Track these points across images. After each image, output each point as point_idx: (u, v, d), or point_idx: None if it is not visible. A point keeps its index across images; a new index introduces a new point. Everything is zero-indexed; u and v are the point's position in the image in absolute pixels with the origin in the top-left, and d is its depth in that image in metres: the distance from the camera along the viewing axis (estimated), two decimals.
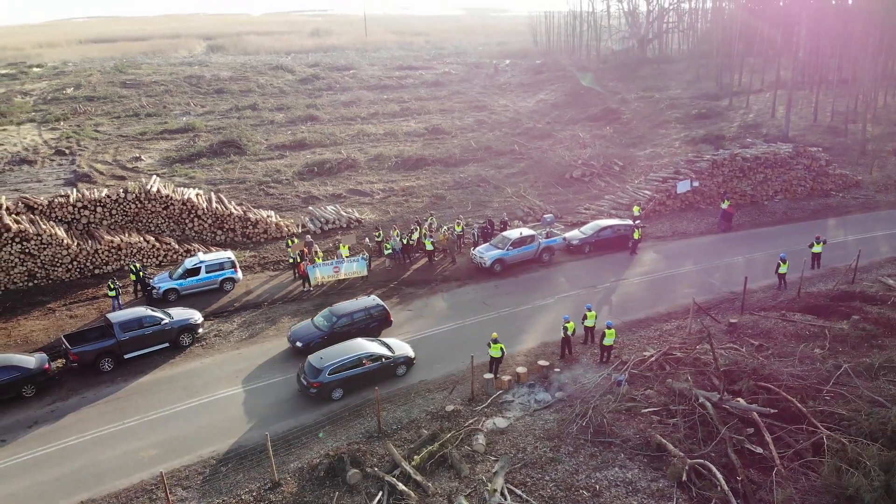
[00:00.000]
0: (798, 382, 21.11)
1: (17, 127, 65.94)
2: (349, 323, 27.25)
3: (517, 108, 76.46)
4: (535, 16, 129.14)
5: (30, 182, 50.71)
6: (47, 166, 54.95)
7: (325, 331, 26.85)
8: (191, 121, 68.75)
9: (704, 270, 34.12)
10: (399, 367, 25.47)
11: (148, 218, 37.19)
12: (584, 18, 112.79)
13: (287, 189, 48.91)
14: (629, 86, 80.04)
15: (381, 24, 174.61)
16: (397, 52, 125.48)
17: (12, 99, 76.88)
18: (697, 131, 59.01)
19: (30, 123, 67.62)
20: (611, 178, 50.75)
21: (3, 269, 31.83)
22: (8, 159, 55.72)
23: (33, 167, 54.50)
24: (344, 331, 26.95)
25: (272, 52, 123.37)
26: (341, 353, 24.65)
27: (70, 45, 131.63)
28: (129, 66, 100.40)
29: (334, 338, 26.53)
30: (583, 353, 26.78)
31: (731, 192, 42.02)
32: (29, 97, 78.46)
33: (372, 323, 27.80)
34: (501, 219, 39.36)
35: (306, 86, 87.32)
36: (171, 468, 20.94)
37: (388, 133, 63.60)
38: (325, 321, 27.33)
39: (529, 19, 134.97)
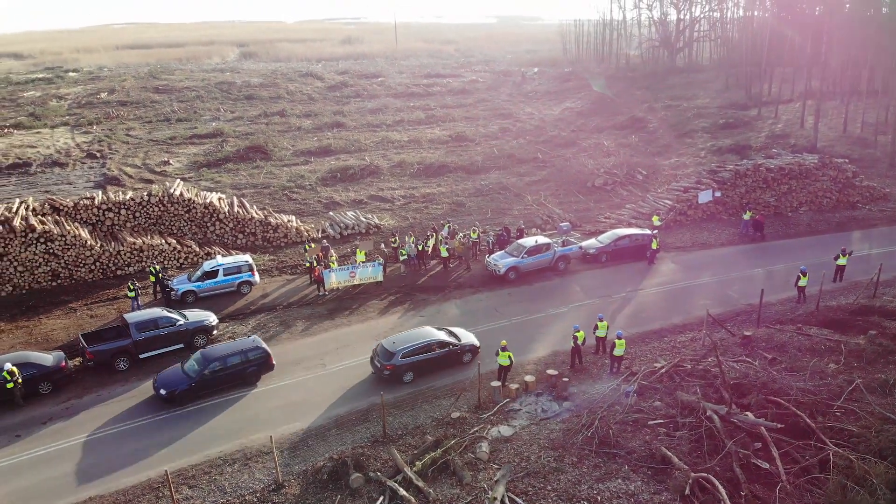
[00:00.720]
0: (809, 397, 20.70)
1: (51, 130, 67.64)
2: (221, 368, 24.59)
3: (542, 116, 76.29)
4: (564, 24, 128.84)
5: (60, 184, 51.94)
6: (78, 169, 56.24)
7: (193, 377, 24.22)
8: (220, 126, 69.81)
9: (722, 282, 33.66)
10: (465, 355, 26.27)
11: (171, 221, 37.87)
12: (615, 27, 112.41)
13: (310, 194, 49.42)
14: (657, 94, 79.40)
15: (412, 33, 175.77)
16: (426, 59, 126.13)
17: (48, 103, 78.88)
18: (724, 141, 58.29)
19: (63, 127, 69.30)
20: (634, 186, 50.35)
21: (28, 269, 32.65)
22: (41, 161, 57.17)
23: (65, 169, 55.84)
24: (215, 377, 24.52)
25: (303, 59, 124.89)
26: (413, 338, 25.91)
27: (107, 51, 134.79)
28: (163, 72, 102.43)
29: (205, 384, 24.32)
30: (593, 364, 26.60)
31: (755, 204, 41.41)
32: (64, 101, 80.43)
33: (249, 367, 25.09)
34: (518, 226, 39.28)
35: (335, 93, 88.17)
36: (179, 467, 21.26)
37: (411, 140, 63.93)
38: (196, 365, 24.68)
39: (559, 27, 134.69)
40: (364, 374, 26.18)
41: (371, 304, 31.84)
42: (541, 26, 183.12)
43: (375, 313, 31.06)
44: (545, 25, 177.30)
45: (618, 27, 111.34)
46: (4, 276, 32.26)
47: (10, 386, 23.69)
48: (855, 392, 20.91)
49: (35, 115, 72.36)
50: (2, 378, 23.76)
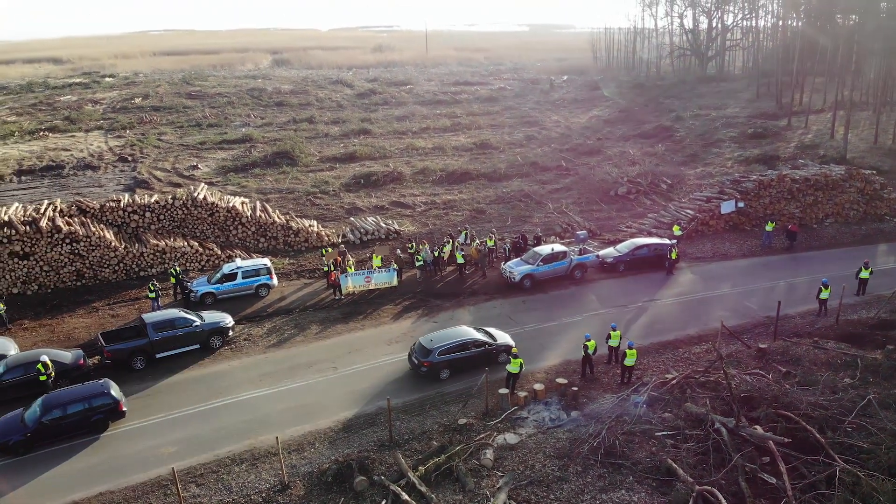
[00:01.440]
0: (819, 412, 20.31)
1: (86, 134, 69.34)
2: (61, 416, 22.45)
3: (569, 123, 76.05)
4: (595, 32, 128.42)
5: (91, 186, 53.21)
6: (109, 172, 57.56)
7: (29, 426, 22.16)
8: (249, 132, 70.87)
9: (742, 293, 33.18)
10: (500, 355, 26.63)
11: (194, 224, 38.55)
12: (646, 35, 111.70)
13: (333, 200, 49.91)
14: (685, 103, 78.62)
15: (443, 41, 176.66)
16: (456, 67, 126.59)
17: (83, 107, 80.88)
18: (752, 151, 57.49)
19: (97, 131, 71.00)
20: (657, 196, 49.90)
21: (54, 269, 33.52)
22: (73, 164, 58.66)
23: (96, 172, 57.20)
24: (54, 426, 22.41)
25: (334, 66, 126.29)
26: (450, 336, 26.59)
27: (144, 57, 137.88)
28: (197, 78, 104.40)
29: (41, 435, 22.23)
30: (605, 373, 26.42)
31: (779, 215, 40.77)
32: (99, 106, 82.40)
33: (94, 415, 22.90)
34: (535, 234, 39.20)
35: (363, 100, 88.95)
36: (188, 465, 21.62)
37: (436, 147, 64.20)
38: (36, 412, 22.54)
39: (589, 36, 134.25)
40: (374, 378, 26.36)
41: (385, 309, 32.04)
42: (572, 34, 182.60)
43: (389, 318, 31.25)
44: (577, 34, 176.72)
45: (648, 35, 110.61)
46: (31, 276, 33.16)
47: (43, 378, 24.35)
48: (868, 407, 20.45)
49: (70, 119, 74.23)
50: (36, 370, 24.49)
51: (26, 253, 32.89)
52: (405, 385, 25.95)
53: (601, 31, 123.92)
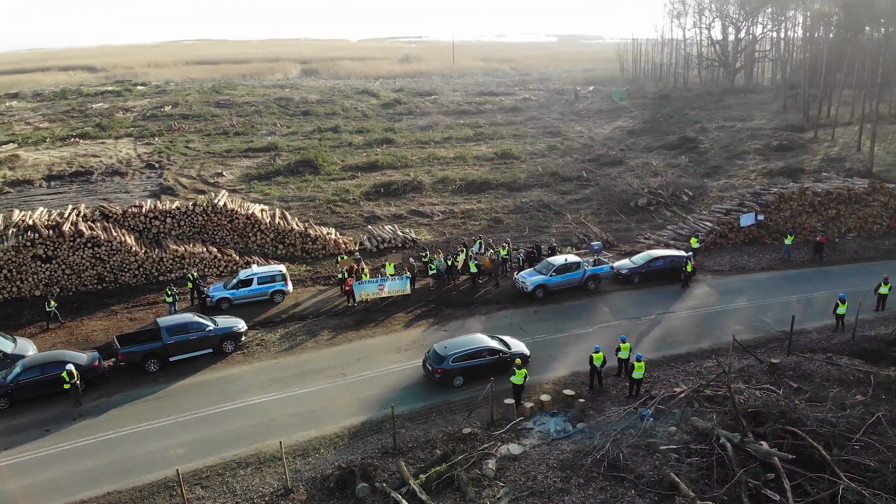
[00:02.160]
0: (826, 429, 19.95)
1: (115, 141, 70.85)
2: None
3: (592, 134, 75.79)
4: (622, 43, 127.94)
5: (118, 192, 54.34)
6: (136, 178, 58.72)
7: None
8: (274, 140, 71.75)
9: (758, 307, 32.72)
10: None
11: (214, 230, 39.16)
12: (674, 46, 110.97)
13: (353, 208, 50.31)
14: (711, 115, 77.88)
15: (471, 51, 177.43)
16: (482, 78, 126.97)
17: (114, 114, 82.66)
18: (776, 163, 56.76)
19: (127, 138, 72.46)
20: (678, 207, 49.46)
21: (76, 272, 34.29)
22: (102, 170, 59.97)
23: (124, 179, 58.40)
24: None
25: (362, 76, 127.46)
26: (464, 344, 26.81)
27: (176, 66, 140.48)
28: (226, 87, 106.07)
29: None
30: (613, 385, 26.27)
31: (801, 228, 40.18)
32: (130, 113, 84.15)
33: None
34: (549, 244, 39.10)
35: (388, 110, 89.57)
36: (194, 467, 21.97)
37: (457, 156, 64.40)
38: None
39: (616, 46, 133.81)
40: (382, 385, 26.52)
41: (397, 317, 32.21)
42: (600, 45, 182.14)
43: (400, 326, 31.41)
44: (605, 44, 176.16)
45: (676, 46, 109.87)
46: (53, 278, 33.96)
47: (68, 387, 24.59)
48: (877, 425, 20.03)
49: (101, 126, 75.93)
50: (60, 376, 25.02)
51: (49, 256, 33.71)
52: (412, 393, 26.05)
53: (628, 42, 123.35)
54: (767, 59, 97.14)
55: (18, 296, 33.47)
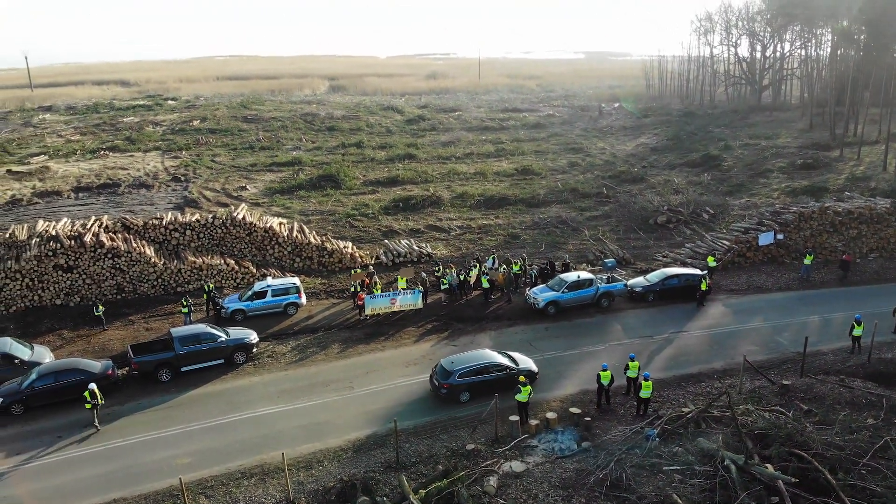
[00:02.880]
0: (833, 452, 19.55)
1: (144, 154, 72.29)
2: None
3: (615, 150, 75.53)
4: (648, 60, 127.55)
5: (143, 204, 55.42)
6: (162, 191, 59.85)
7: None
8: (299, 155, 72.63)
9: (774, 328, 32.23)
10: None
11: (232, 243, 39.73)
12: (701, 63, 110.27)
13: (371, 222, 50.68)
14: (736, 132, 77.15)
15: (497, 68, 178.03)
16: (507, 94, 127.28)
17: (144, 128, 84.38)
18: (800, 182, 56.00)
19: (155, 151, 73.91)
20: (698, 225, 49.01)
21: (96, 282, 35.02)
22: (129, 182, 61.25)
23: (150, 191, 59.56)
24: None
25: (388, 93, 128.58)
26: (471, 359, 26.84)
27: (207, 81, 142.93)
28: (254, 103, 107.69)
29: None
30: (621, 404, 26.04)
31: (821, 248, 39.58)
32: (159, 127, 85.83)
33: None
34: (563, 261, 38.96)
35: (412, 126, 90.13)
36: (200, 477, 22.25)
37: (477, 172, 64.58)
38: None
39: (642, 63, 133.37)
40: (389, 399, 26.61)
41: (408, 331, 32.32)
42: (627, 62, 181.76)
43: (410, 340, 31.51)
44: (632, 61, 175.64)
45: (703, 63, 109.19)
46: (74, 288, 34.71)
47: (89, 406, 24.46)
48: (886, 450, 19.58)
49: (131, 140, 77.56)
50: (75, 385, 25.67)
51: (70, 266, 34.48)
52: (418, 407, 26.10)
53: (655, 58, 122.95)
54: (795, 76, 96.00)
55: (39, 304, 34.26)
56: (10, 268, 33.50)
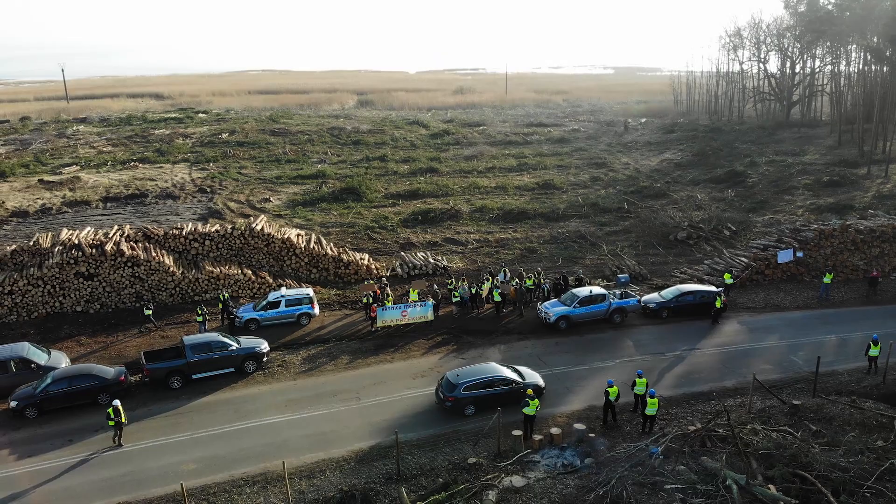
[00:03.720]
0: (838, 474, 19.14)
1: (172, 165, 73.76)
2: None
3: (638, 166, 75.04)
4: (676, 75, 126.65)
5: (169, 214, 56.51)
6: (188, 202, 60.97)
7: None
8: (323, 168, 73.46)
9: (789, 347, 31.66)
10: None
11: (251, 253, 40.34)
12: (730, 79, 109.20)
13: (389, 235, 51.02)
14: (763, 148, 76.18)
15: (524, 83, 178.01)
16: (533, 109, 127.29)
17: (174, 140, 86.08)
18: (825, 199, 55.08)
19: (184, 163, 75.32)
20: (718, 242, 48.42)
21: (115, 290, 35.77)
22: (157, 193, 62.54)
23: (176, 202, 60.73)
24: None
25: (415, 107, 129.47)
26: (477, 373, 26.88)
27: (239, 95, 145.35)
28: (283, 116, 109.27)
29: None
30: (628, 421, 25.79)
31: (842, 267, 38.86)
32: (189, 140, 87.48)
33: None
34: (576, 275, 38.78)
35: (436, 140, 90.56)
36: (204, 483, 22.59)
37: (498, 186, 64.66)
38: None
39: (670, 78, 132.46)
40: (394, 410, 26.71)
41: (417, 343, 32.43)
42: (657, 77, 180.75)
43: (419, 352, 31.61)
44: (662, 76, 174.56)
45: (732, 79, 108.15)
46: (94, 295, 35.50)
47: (112, 423, 24.12)
48: (893, 472, 19.11)
49: (161, 151, 79.19)
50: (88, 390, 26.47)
51: (91, 274, 35.29)
52: (423, 420, 26.16)
53: (683, 74, 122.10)
54: (825, 93, 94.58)
55: (60, 311, 35.08)
56: (32, 275, 34.42)
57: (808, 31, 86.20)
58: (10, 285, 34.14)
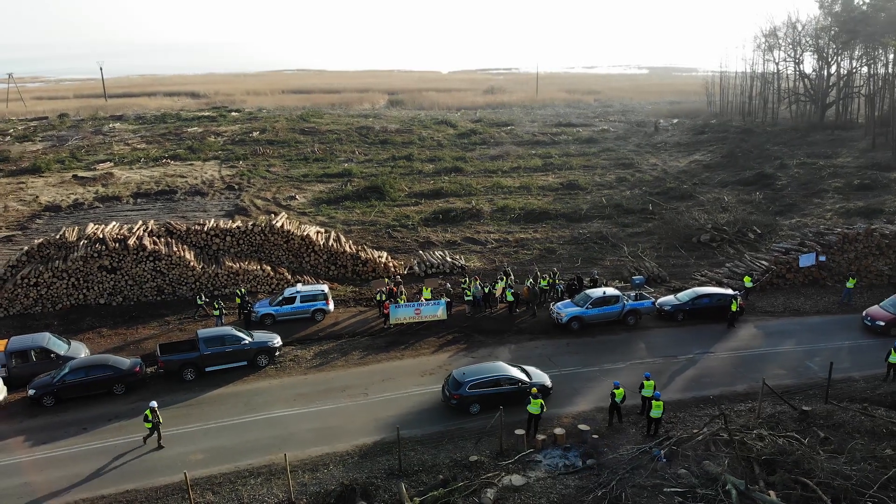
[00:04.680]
0: (840, 482, 18.79)
1: (203, 163, 75.13)
2: None
3: (666, 167, 74.19)
4: (709, 76, 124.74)
5: (196, 211, 57.60)
6: (216, 199, 62.08)
7: None
8: (350, 167, 74.08)
9: (806, 352, 31.08)
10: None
11: (271, 250, 40.95)
12: (766, 79, 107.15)
13: (410, 233, 51.30)
14: (794, 151, 74.68)
15: (557, 83, 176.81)
16: (563, 109, 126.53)
17: (206, 138, 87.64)
18: (855, 203, 53.83)
19: (214, 160, 76.65)
20: (742, 245, 47.68)
21: (138, 283, 36.64)
22: (186, 190, 63.78)
23: (204, 198, 61.89)
24: None
25: (444, 107, 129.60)
26: (483, 371, 26.95)
27: (273, 94, 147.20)
28: (313, 116, 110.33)
29: None
30: (634, 423, 25.59)
31: (866, 272, 37.98)
32: (220, 138, 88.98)
33: None
34: (591, 276, 38.54)
35: (463, 140, 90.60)
36: (210, 473, 23.07)
37: (522, 186, 64.55)
38: None
39: (703, 79, 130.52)
40: (400, 407, 26.93)
41: (428, 341, 32.60)
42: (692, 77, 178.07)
43: (429, 350, 31.77)
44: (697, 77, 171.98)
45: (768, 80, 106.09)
46: (117, 288, 36.41)
47: (149, 426, 24.08)
48: None
49: (192, 149, 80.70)
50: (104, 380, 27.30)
51: (114, 267, 36.20)
52: (429, 417, 26.33)
53: (716, 74, 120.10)
54: (861, 94, 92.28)
55: (84, 303, 36.06)
56: (57, 267, 35.45)
57: (843, 31, 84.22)
58: (35, 277, 35.23)
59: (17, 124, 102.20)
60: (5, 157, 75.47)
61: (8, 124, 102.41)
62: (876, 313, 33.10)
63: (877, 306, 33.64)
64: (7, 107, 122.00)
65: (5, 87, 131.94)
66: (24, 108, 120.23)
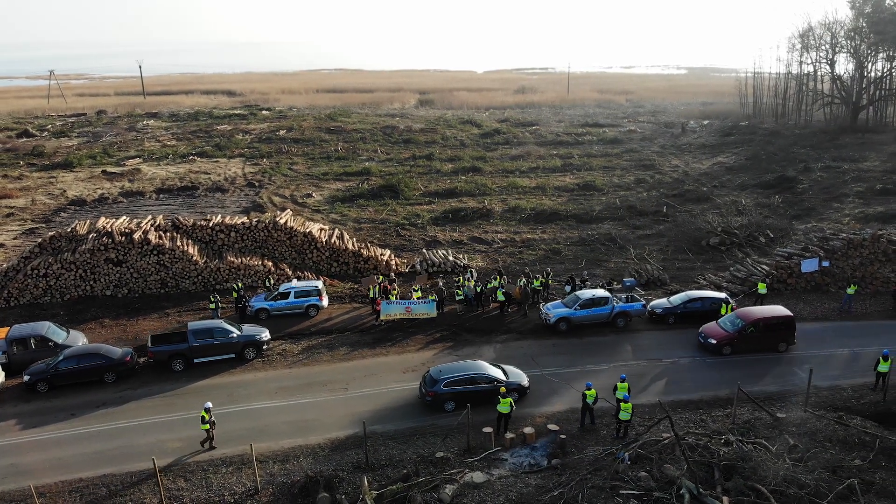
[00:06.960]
0: (794, 490, 18.56)
1: (228, 160, 76.68)
2: None
3: (688, 169, 73.18)
4: (743, 77, 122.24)
5: (215, 207, 58.85)
6: (235, 195, 63.39)
7: None
8: (370, 166, 74.78)
9: (795, 358, 30.57)
10: (511, 394, 26.31)
11: (274, 246, 41.75)
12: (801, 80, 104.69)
13: (418, 232, 51.68)
14: (821, 154, 72.97)
15: (591, 83, 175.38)
16: (592, 109, 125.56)
17: (234, 136, 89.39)
18: (875, 208, 52.45)
19: (239, 158, 78.16)
20: (752, 249, 46.90)
21: (142, 276, 37.77)
22: (208, 186, 65.28)
23: (224, 195, 63.23)
24: None
25: (473, 107, 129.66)
26: (460, 369, 27.15)
27: (307, 93, 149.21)
28: (341, 115, 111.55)
29: None
30: (606, 425, 25.56)
31: (871, 278, 37.07)
32: (248, 135, 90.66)
33: None
34: (582, 277, 38.39)
35: (486, 139, 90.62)
36: (185, 461, 23.79)
37: (537, 186, 64.41)
38: None
39: (735, 80, 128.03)
40: (378, 402, 27.34)
41: (415, 339, 32.93)
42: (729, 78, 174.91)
43: (415, 347, 32.10)
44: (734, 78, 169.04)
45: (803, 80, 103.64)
46: (122, 280, 37.60)
47: (205, 427, 24.10)
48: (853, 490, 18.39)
49: (219, 146, 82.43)
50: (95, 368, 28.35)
51: (120, 260, 37.40)
52: (404, 413, 26.69)
53: (749, 75, 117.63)
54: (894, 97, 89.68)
55: (91, 294, 37.33)
56: (66, 259, 36.78)
57: (872, 32, 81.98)
58: (45, 268, 36.61)
59: (56, 120, 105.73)
60: (40, 153, 78.17)
61: (47, 120, 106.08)
62: (710, 330, 31.70)
63: (714, 323, 32.30)
64: (48, 103, 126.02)
65: (47, 84, 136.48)
66: (65, 105, 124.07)
